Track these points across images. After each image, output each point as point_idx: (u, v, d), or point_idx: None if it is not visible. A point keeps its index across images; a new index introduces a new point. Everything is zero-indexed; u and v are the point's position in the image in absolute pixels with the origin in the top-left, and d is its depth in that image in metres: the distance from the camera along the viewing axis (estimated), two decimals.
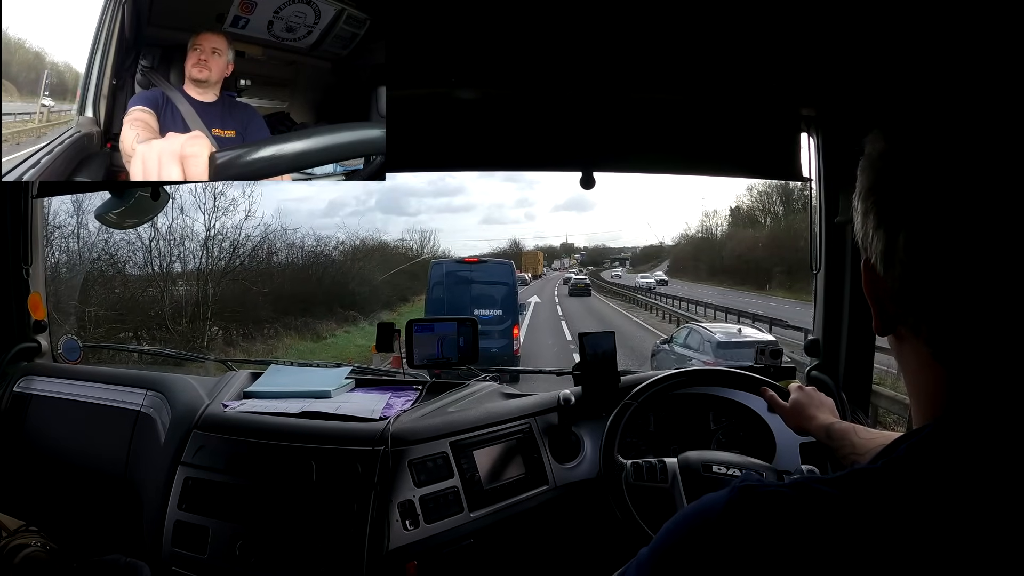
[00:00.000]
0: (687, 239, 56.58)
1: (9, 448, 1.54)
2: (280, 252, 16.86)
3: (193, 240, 13.60)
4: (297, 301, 15.14)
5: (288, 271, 16.75)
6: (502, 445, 1.33)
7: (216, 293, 13.21)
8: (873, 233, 0.46)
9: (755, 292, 28.66)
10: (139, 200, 1.61)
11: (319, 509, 1.15)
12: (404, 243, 31.55)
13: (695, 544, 0.43)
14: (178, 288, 12.98)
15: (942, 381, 0.45)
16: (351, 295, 17.42)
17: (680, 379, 1.40)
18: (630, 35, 1.28)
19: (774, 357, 1.61)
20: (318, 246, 18.48)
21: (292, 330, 13.98)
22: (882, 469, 0.42)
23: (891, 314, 0.47)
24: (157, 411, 1.40)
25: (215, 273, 13.67)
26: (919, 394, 0.48)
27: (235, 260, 14.39)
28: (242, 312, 13.45)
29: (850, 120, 1.49)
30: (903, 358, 0.48)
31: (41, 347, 1.71)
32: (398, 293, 19.82)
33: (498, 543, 1.24)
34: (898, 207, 0.44)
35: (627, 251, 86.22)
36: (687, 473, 1.23)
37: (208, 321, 12.53)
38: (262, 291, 14.19)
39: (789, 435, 1.36)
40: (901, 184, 0.44)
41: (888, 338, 0.49)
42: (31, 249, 1.67)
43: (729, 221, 48.20)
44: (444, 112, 1.51)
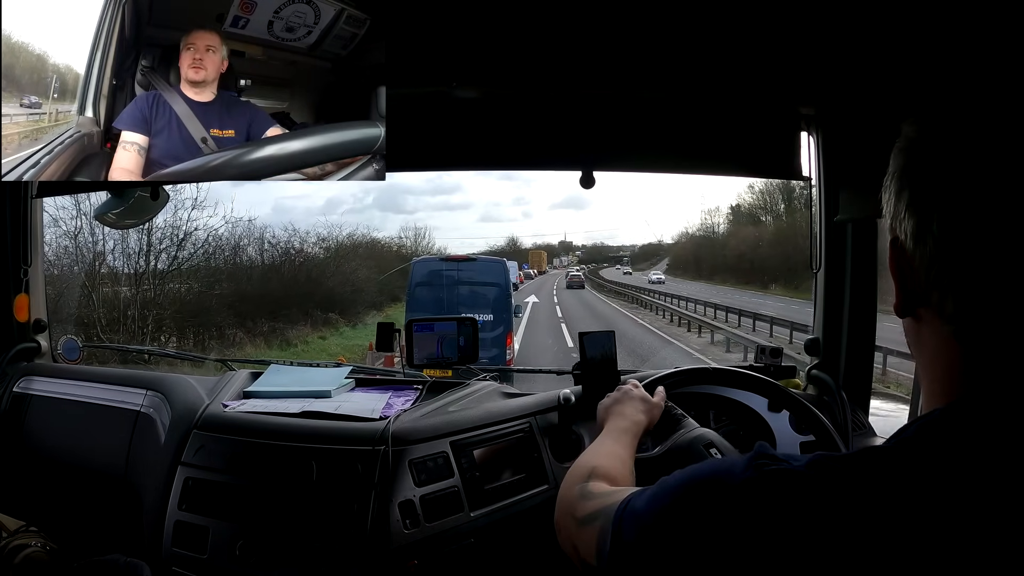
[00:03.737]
0: (687, 237, 56.62)
1: (9, 448, 1.54)
2: (246, 249, 15.32)
3: (132, 233, 11.17)
4: (268, 303, 13.65)
5: (255, 270, 15.22)
6: (502, 445, 1.33)
7: (159, 296, 11.44)
8: (905, 211, 0.47)
9: (759, 291, 28.56)
10: (139, 200, 1.62)
11: (319, 509, 1.15)
12: (394, 239, 29.97)
13: (710, 507, 0.47)
14: (117, 289, 11.10)
15: (959, 362, 0.46)
16: (331, 296, 16.01)
17: (680, 377, 1.40)
18: (629, 34, 1.28)
19: (774, 356, 1.61)
20: (291, 242, 16.89)
21: (259, 336, 12.53)
22: (893, 448, 0.44)
23: (915, 293, 0.48)
24: (157, 411, 1.40)
25: (161, 273, 11.81)
26: (933, 377, 0.49)
27: (186, 257, 12.44)
28: (197, 317, 11.89)
29: (850, 119, 1.49)
30: (920, 340, 0.50)
31: (41, 347, 1.71)
32: (388, 293, 18.52)
33: (499, 542, 1.24)
34: (932, 186, 0.46)
35: (625, 249, 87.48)
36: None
37: (148, 328, 10.74)
38: (213, 293, 12.64)
39: (789, 435, 1.36)
40: (936, 166, 0.46)
41: (905, 321, 0.51)
42: (31, 250, 1.67)
43: (730, 219, 48.20)
44: (444, 111, 1.51)
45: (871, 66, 1.31)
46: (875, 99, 1.38)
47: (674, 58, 1.38)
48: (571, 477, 0.82)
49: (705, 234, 52.05)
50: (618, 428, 1.02)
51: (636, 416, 1.06)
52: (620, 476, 0.83)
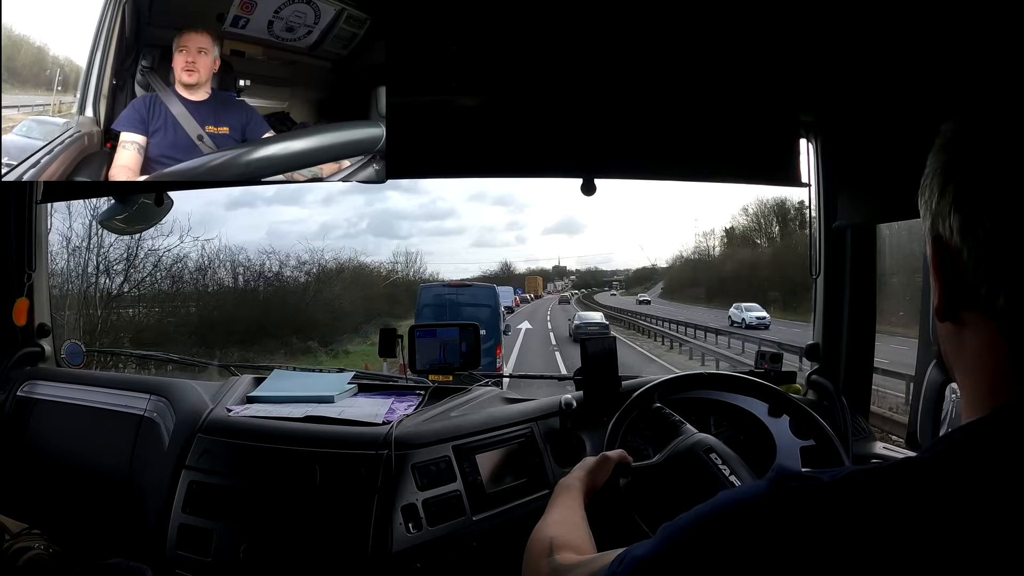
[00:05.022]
0: (682, 260, 56.54)
1: (13, 452, 1.55)
2: (216, 272, 14.09)
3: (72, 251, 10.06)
4: (238, 331, 12.80)
5: (226, 295, 14.15)
6: (504, 449, 1.33)
7: (109, 320, 10.36)
8: (950, 208, 0.46)
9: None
10: (143, 206, 1.63)
11: (323, 512, 1.16)
12: (384, 264, 28.57)
13: (734, 533, 0.43)
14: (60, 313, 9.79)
15: (1008, 363, 0.44)
16: (311, 322, 15.10)
17: (681, 383, 1.40)
18: (631, 41, 1.29)
19: (775, 362, 1.61)
20: (267, 265, 15.77)
21: (226, 369, 11.63)
22: (931, 460, 0.41)
23: (960, 292, 0.46)
24: (161, 416, 1.41)
25: (112, 296, 10.69)
26: (976, 384, 0.47)
27: (141, 279, 11.43)
28: (159, 347, 10.37)
29: (849, 125, 1.50)
30: (962, 345, 0.48)
31: (45, 352, 1.71)
32: (373, 318, 17.31)
33: (500, 546, 1.25)
34: (981, 179, 0.45)
35: (619, 273, 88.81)
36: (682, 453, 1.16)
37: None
38: (168, 320, 11.91)
39: (789, 440, 1.36)
40: (983, 159, 0.45)
41: (944, 327, 0.49)
42: (35, 254, 1.68)
43: (724, 241, 48.33)
44: (445, 118, 1.52)
45: (871, 73, 1.33)
46: (874, 106, 1.39)
47: (675, 65, 1.39)
48: (533, 552, 0.82)
49: (701, 257, 52.06)
50: (564, 495, 1.00)
51: (577, 476, 1.04)
52: (580, 541, 0.82)
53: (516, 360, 14.30)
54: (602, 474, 1.09)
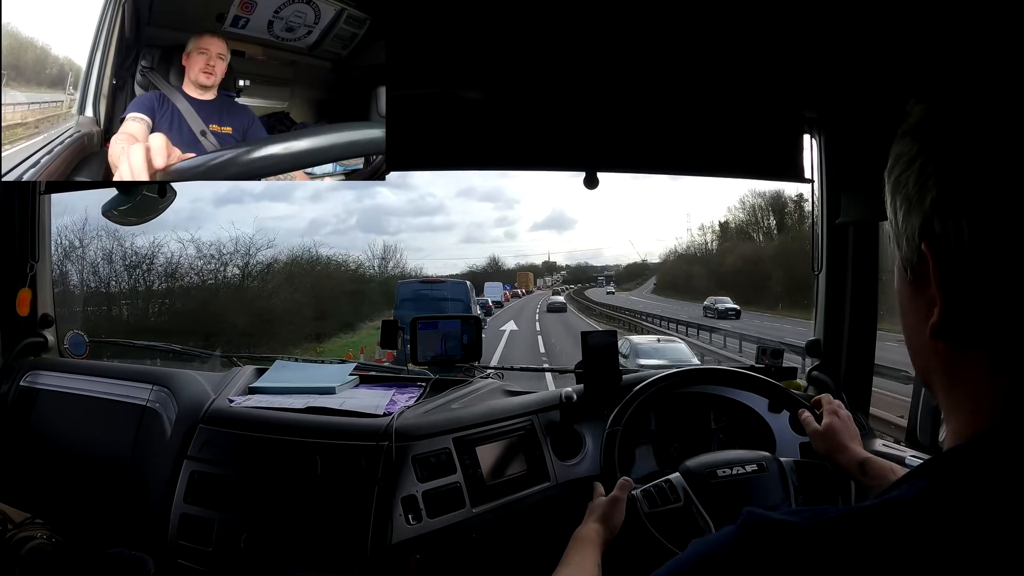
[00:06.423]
0: (675, 255, 56.05)
1: (16, 442, 1.55)
2: (137, 268, 11.95)
3: None
4: (153, 335, 10.68)
5: (138, 295, 11.98)
6: (504, 442, 1.34)
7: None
8: (957, 205, 0.40)
9: (768, 312, 27.61)
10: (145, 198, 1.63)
11: (323, 503, 1.16)
12: (351, 259, 25.20)
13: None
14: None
15: (998, 388, 0.39)
16: (247, 329, 13.10)
17: (681, 378, 1.40)
18: (634, 36, 1.29)
19: (775, 357, 1.62)
20: (200, 261, 13.48)
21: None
22: (919, 500, 0.37)
23: (972, 304, 0.40)
24: (163, 406, 1.41)
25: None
26: (958, 408, 0.42)
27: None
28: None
29: (853, 122, 1.50)
30: (958, 365, 0.42)
31: (48, 342, 1.72)
32: (340, 319, 15.52)
33: (500, 538, 1.25)
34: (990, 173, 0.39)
35: (610, 269, 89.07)
36: (695, 484, 1.19)
37: None
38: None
39: (789, 435, 1.37)
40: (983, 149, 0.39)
41: (935, 344, 0.42)
42: (38, 245, 1.69)
43: (720, 236, 48.02)
44: (446, 110, 1.51)
45: (874, 70, 1.32)
46: (879, 103, 1.39)
47: (679, 60, 1.39)
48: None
49: (695, 252, 51.57)
50: (578, 550, 1.04)
51: (593, 528, 1.09)
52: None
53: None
54: (617, 517, 1.12)
